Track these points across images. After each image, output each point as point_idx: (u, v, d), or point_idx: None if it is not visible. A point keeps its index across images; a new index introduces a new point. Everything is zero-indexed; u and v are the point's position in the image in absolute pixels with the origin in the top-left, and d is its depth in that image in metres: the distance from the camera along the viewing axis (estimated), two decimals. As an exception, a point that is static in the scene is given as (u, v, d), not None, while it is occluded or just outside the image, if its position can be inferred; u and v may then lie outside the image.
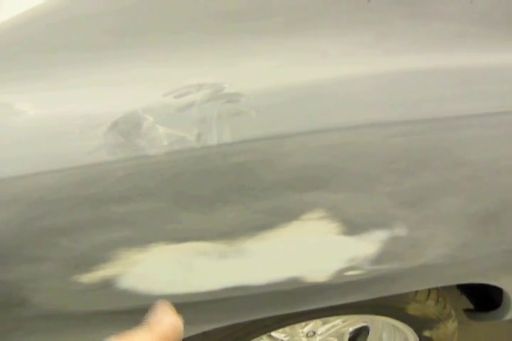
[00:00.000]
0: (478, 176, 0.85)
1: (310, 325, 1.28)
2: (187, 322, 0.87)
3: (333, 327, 1.30)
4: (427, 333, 1.23)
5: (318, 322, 1.29)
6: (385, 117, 0.80)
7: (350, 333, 1.42)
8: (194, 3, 0.85)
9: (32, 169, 0.74)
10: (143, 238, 0.77)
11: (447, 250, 0.90)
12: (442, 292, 1.19)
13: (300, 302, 0.92)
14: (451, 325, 1.24)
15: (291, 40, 0.88)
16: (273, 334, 1.27)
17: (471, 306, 1.36)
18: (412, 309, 1.13)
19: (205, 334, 1.03)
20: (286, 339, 1.28)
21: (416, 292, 1.10)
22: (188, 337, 1.00)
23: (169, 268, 0.82)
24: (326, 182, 0.79)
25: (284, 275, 0.85)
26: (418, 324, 1.19)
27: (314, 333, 1.30)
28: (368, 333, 1.43)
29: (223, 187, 0.76)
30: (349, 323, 1.31)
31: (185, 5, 0.85)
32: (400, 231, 0.85)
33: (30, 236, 0.76)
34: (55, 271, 0.79)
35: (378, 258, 0.87)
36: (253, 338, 1.09)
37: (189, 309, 0.88)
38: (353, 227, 0.83)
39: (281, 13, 0.88)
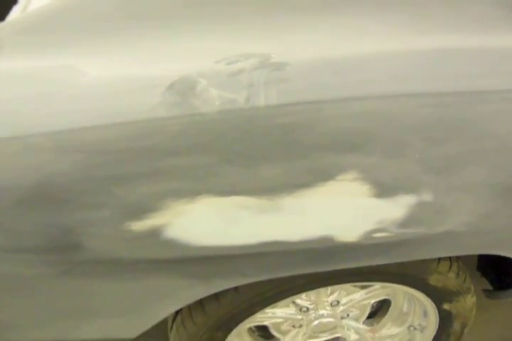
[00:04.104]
0: (503, 148, 0.91)
1: (335, 295, 1.35)
2: (222, 276, 0.95)
3: (356, 298, 1.37)
4: (446, 306, 1.29)
5: (342, 292, 1.35)
6: (418, 88, 0.87)
7: (372, 307, 1.49)
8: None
9: (96, 122, 0.82)
10: (191, 190, 0.85)
11: (470, 218, 0.96)
12: (463, 268, 1.25)
13: (330, 261, 0.99)
14: (470, 300, 1.30)
15: (334, 18, 0.96)
16: (298, 301, 1.34)
17: (489, 287, 1.41)
18: (434, 280, 1.18)
19: (236, 290, 1.10)
20: (312, 306, 1.35)
21: (438, 263, 1.16)
22: (221, 293, 1.08)
23: (212, 221, 0.89)
24: (360, 146, 0.86)
25: (317, 232, 0.92)
26: (438, 295, 1.25)
27: (338, 303, 1.36)
28: (388, 309, 1.49)
29: (267, 146, 0.84)
30: (372, 295, 1.37)
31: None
32: (427, 196, 0.91)
33: (90, 184, 0.84)
34: (109, 217, 0.86)
35: (405, 222, 0.93)
36: (282, 299, 1.16)
37: (226, 262, 0.96)
38: (383, 190, 0.89)
39: None
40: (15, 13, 1.21)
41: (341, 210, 0.91)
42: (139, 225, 0.87)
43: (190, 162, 0.84)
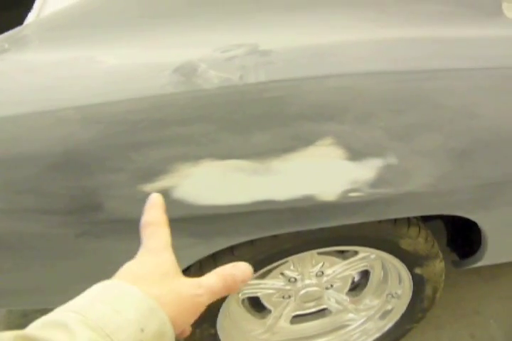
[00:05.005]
0: (454, 118, 1.09)
1: (319, 266, 1.52)
2: (221, 234, 1.11)
3: (338, 269, 1.54)
4: (418, 270, 1.46)
5: (326, 263, 1.52)
6: (381, 68, 1.06)
7: (352, 282, 1.66)
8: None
9: (115, 97, 0.99)
10: (195, 154, 1.02)
11: (429, 180, 1.13)
12: (431, 235, 1.42)
13: (313, 219, 1.15)
14: (439, 265, 1.47)
15: (308, 15, 1.15)
16: (287, 272, 1.50)
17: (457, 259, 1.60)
18: (405, 244, 1.35)
19: (233, 254, 1.27)
20: (299, 277, 1.51)
21: (408, 228, 1.33)
22: (219, 256, 1.24)
23: (213, 182, 1.05)
24: (334, 116, 1.04)
25: (301, 192, 1.09)
26: (410, 259, 1.42)
27: (322, 273, 1.53)
28: (366, 284, 1.67)
29: (257, 116, 1.02)
30: (352, 266, 1.53)
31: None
32: (392, 160, 1.09)
33: (110, 151, 1.00)
34: (126, 180, 1.02)
35: (375, 183, 1.10)
36: (274, 261, 1.33)
37: (224, 220, 1.12)
38: (355, 154, 1.07)
39: None
40: (31, 16, 1.39)
41: (320, 172, 1.08)
42: (151, 187, 1.03)
43: (194, 130, 1.01)
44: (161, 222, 0.58)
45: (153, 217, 0.59)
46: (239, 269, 0.54)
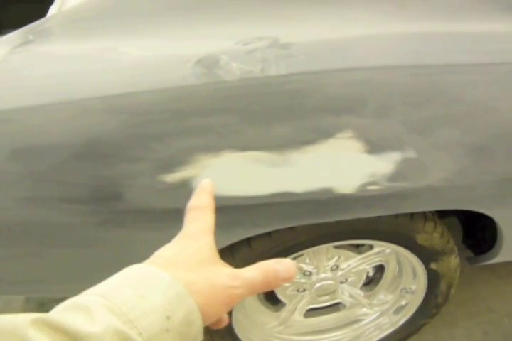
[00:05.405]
0: (473, 113, 1.10)
1: (334, 260, 1.52)
2: (239, 225, 1.12)
3: (353, 263, 1.55)
4: (433, 265, 1.46)
5: (341, 257, 1.53)
6: (399, 62, 1.06)
7: (367, 277, 1.66)
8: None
9: (138, 88, 1.01)
10: (216, 145, 1.03)
11: (447, 174, 1.14)
12: (447, 230, 1.43)
13: (331, 212, 1.16)
14: (454, 261, 1.47)
15: (328, 9, 1.16)
16: (302, 266, 1.51)
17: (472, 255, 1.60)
18: (421, 239, 1.36)
19: (250, 246, 1.28)
20: (314, 270, 1.52)
21: (424, 223, 1.34)
22: (235, 248, 1.26)
23: (232, 173, 1.07)
24: (354, 109, 1.05)
25: (319, 184, 1.10)
26: (426, 254, 1.42)
27: (337, 267, 1.54)
28: (381, 279, 1.68)
29: (278, 108, 1.03)
30: (367, 260, 1.54)
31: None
32: (410, 154, 1.09)
33: (132, 141, 1.02)
34: (147, 170, 1.04)
35: (393, 176, 1.11)
36: (290, 254, 1.34)
37: (243, 211, 1.13)
38: (374, 147, 1.07)
39: None
40: (52, 10, 1.41)
41: (339, 164, 1.09)
42: (171, 177, 1.05)
43: (215, 121, 1.02)
44: (207, 207, 0.56)
45: (200, 201, 0.57)
46: (284, 266, 0.50)
